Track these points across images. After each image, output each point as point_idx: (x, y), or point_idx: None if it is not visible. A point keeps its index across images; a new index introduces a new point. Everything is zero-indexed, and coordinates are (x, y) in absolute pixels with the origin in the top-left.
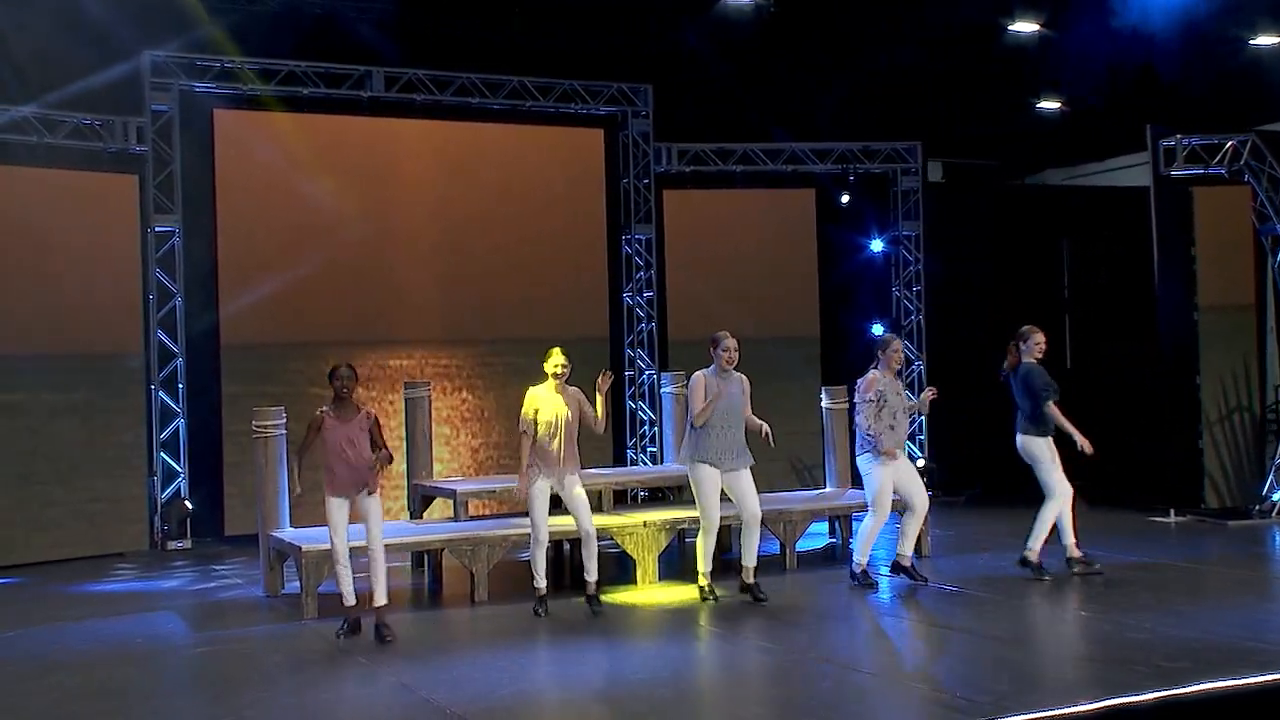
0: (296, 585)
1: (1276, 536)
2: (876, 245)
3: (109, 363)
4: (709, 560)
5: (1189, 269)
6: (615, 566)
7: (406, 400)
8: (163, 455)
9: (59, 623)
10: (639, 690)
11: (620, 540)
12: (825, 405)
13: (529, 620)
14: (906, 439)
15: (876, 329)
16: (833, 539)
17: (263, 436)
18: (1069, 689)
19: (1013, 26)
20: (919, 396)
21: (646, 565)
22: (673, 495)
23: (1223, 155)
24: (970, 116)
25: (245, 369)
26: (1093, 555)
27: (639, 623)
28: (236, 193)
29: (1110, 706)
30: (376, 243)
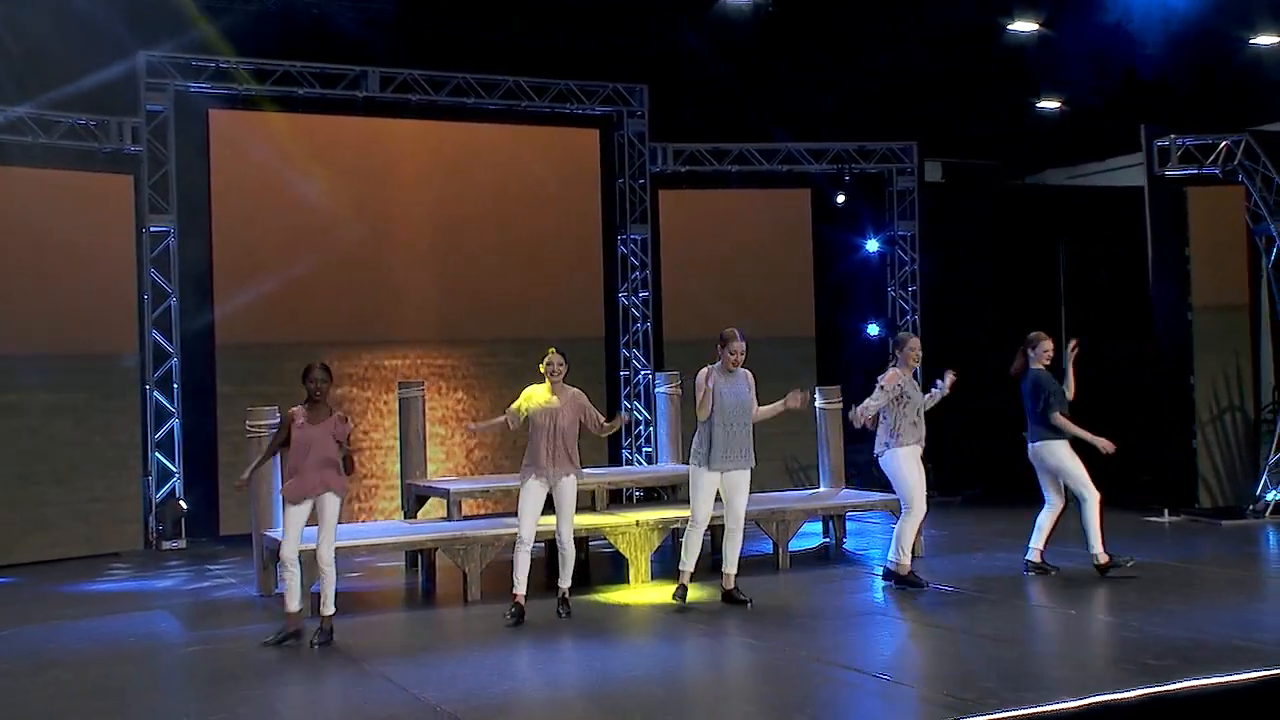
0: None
1: (1270, 536)
2: (872, 245)
3: (104, 363)
4: (693, 558)
5: (1183, 269)
6: (608, 566)
7: (401, 400)
8: (158, 455)
9: (54, 622)
10: (628, 688)
11: (613, 539)
12: (819, 405)
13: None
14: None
15: (872, 329)
16: (826, 539)
17: (257, 436)
18: (1056, 686)
19: (1012, 26)
20: (943, 380)
21: (639, 565)
22: (667, 495)
23: (1217, 155)
24: (970, 116)
25: (240, 369)
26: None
27: (630, 622)
28: (232, 193)
29: (1096, 703)
30: (372, 243)
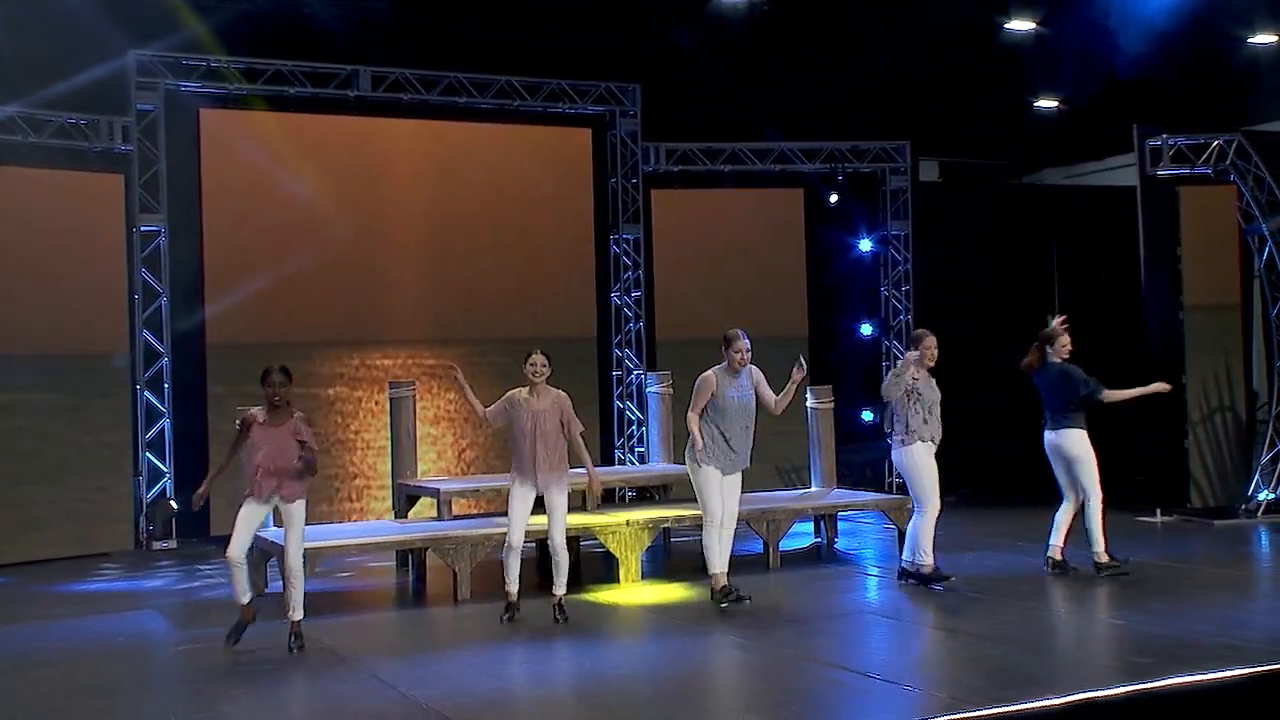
0: (279, 585)
1: (1262, 536)
2: (865, 245)
3: (95, 362)
4: (724, 558)
5: (1175, 268)
6: (599, 565)
7: (391, 400)
8: (148, 455)
9: (44, 621)
10: (616, 687)
11: (603, 539)
12: (810, 405)
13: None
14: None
15: (865, 329)
16: (818, 539)
17: None
18: (1043, 684)
19: (1008, 25)
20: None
21: (629, 564)
22: (659, 495)
23: (1209, 155)
24: (967, 115)
25: (231, 369)
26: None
27: (620, 621)
28: (222, 192)
29: (1083, 700)
30: (363, 242)
